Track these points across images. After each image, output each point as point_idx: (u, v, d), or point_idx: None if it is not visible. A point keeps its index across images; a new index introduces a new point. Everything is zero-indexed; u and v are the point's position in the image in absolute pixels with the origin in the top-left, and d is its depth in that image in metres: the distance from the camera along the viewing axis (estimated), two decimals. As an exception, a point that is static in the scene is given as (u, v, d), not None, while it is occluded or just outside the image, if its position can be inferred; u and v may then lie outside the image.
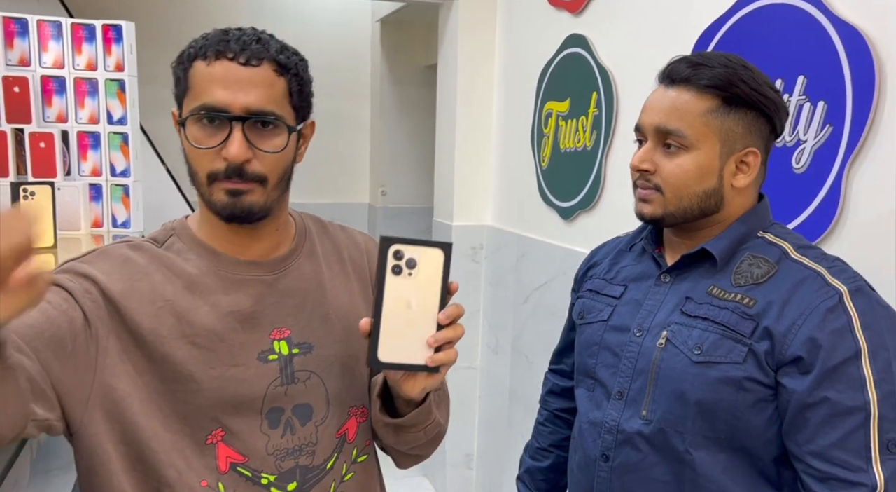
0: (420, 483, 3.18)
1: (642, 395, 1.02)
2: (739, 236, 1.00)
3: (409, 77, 4.10)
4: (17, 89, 2.17)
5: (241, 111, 0.84)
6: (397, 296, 0.79)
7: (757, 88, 0.96)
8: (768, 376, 0.93)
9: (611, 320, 1.09)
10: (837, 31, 1.26)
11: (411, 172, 4.20)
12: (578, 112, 2.17)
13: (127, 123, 2.35)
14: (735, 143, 0.98)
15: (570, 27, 2.22)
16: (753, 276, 0.97)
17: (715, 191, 0.99)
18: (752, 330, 0.93)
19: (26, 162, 2.21)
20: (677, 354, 0.98)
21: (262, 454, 0.90)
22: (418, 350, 0.80)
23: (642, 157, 1.01)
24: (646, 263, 1.10)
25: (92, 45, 2.29)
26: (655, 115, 1.00)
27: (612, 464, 1.05)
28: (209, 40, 0.87)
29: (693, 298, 1.00)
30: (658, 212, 1.01)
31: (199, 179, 0.87)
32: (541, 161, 2.43)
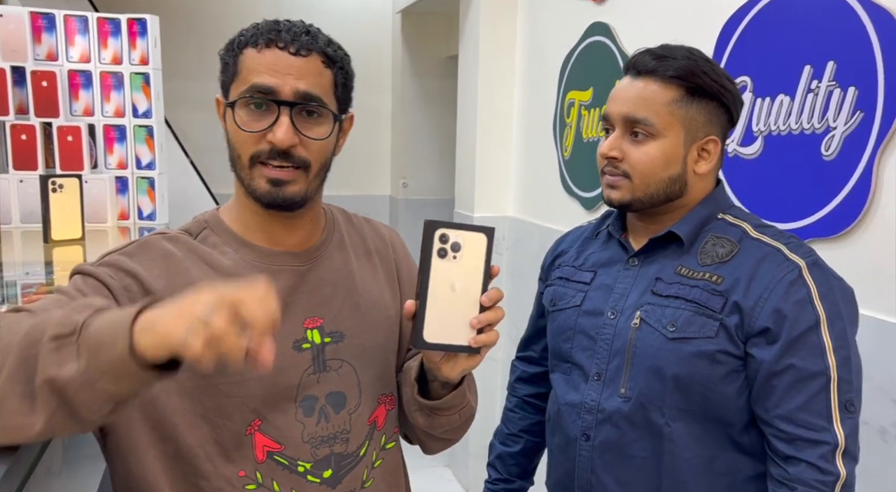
0: (443, 474, 3.20)
1: (620, 374, 1.06)
2: (702, 219, 1.06)
3: (430, 68, 4.10)
4: (45, 84, 2.20)
5: (289, 96, 0.86)
6: (442, 278, 0.81)
7: (717, 80, 1.02)
8: (738, 348, 0.99)
9: (583, 305, 1.13)
10: (869, 15, 1.24)
11: (432, 163, 4.20)
12: (601, 101, 2.16)
13: (152, 116, 2.38)
14: (697, 131, 1.03)
15: (593, 15, 2.20)
16: (718, 255, 1.03)
17: (679, 177, 1.04)
18: (721, 305, 0.99)
19: (54, 155, 2.25)
20: (652, 332, 1.03)
21: (297, 442, 0.91)
22: (461, 331, 0.82)
23: (611, 145, 1.05)
24: (612, 248, 1.15)
25: (117, 39, 2.31)
26: (623, 104, 1.04)
27: (593, 443, 1.09)
28: (260, 29, 0.88)
29: (663, 279, 1.05)
30: (626, 197, 1.05)
31: (242, 162, 0.88)
32: (563, 151, 2.41)
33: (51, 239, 1.97)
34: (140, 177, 2.41)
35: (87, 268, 0.86)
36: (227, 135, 0.90)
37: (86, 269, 0.86)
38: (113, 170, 2.38)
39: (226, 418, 0.88)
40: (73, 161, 2.26)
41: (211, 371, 0.63)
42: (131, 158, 2.39)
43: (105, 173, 2.34)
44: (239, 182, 0.91)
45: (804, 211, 1.36)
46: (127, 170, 2.39)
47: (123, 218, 2.40)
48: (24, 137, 2.21)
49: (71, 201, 1.99)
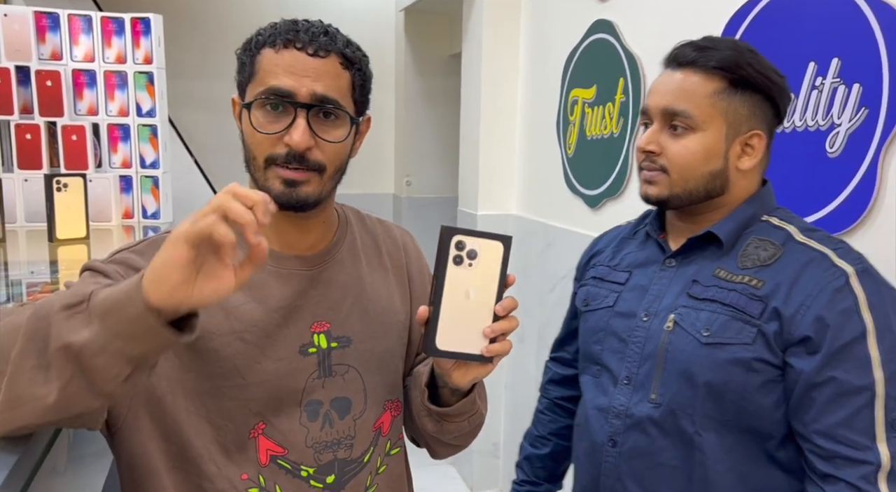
0: (447, 472, 3.20)
1: (650, 379, 1.03)
2: (745, 220, 1.02)
3: (434, 67, 4.09)
4: (50, 83, 2.21)
5: (306, 98, 0.85)
6: (456, 286, 0.80)
7: (762, 71, 0.98)
8: (777, 357, 0.94)
9: (616, 306, 1.10)
10: (874, 11, 1.23)
11: (436, 161, 4.19)
12: (605, 99, 2.15)
13: (156, 116, 2.38)
14: (740, 125, 0.99)
15: (597, 13, 2.20)
16: (760, 258, 0.98)
17: (720, 172, 1.00)
18: (760, 311, 0.94)
19: (59, 154, 2.25)
20: (685, 336, 0.99)
21: (301, 447, 0.91)
22: (474, 340, 0.81)
23: (648, 138, 1.02)
24: (650, 248, 1.11)
25: (121, 38, 2.32)
26: (662, 97, 1.01)
27: (621, 449, 1.05)
28: (278, 29, 0.87)
29: (700, 282, 1.01)
30: (664, 193, 1.01)
31: (257, 163, 0.87)
32: (566, 149, 2.41)
33: (55, 238, 1.98)
34: (144, 176, 2.41)
35: (97, 265, 0.85)
36: (242, 135, 0.90)
37: (96, 265, 0.85)
38: (117, 169, 2.38)
39: (229, 420, 0.88)
40: (77, 160, 2.26)
41: (230, 240, 0.64)
42: (135, 157, 2.39)
43: (109, 172, 2.35)
44: (253, 183, 0.90)
45: (809, 208, 1.36)
46: (131, 169, 2.39)
47: (128, 217, 2.41)
48: (28, 137, 2.22)
49: (75, 200, 1.99)
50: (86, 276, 0.85)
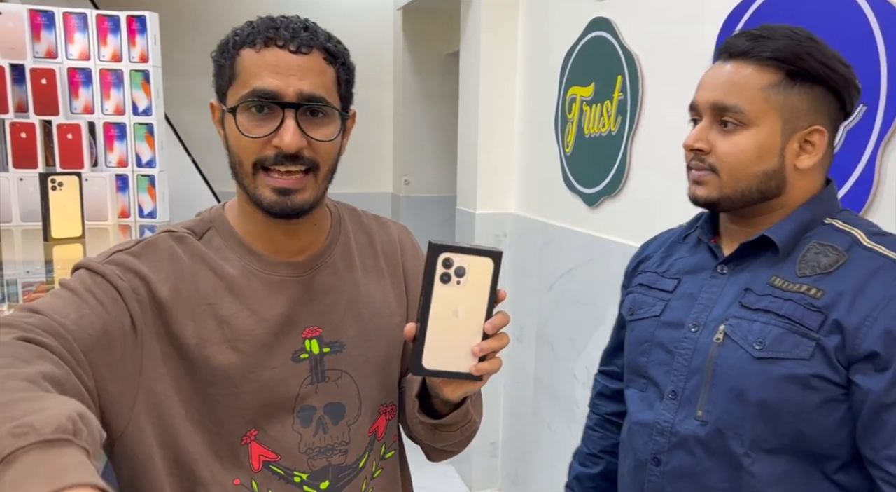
0: (446, 471, 3.19)
1: (697, 394, 0.95)
2: (804, 223, 0.93)
3: (432, 65, 4.09)
4: (45, 81, 2.20)
5: (294, 98, 0.82)
6: (444, 304, 0.78)
7: (824, 61, 0.89)
8: (839, 374, 0.85)
9: (663, 316, 1.03)
10: (871, 7, 1.23)
11: (434, 160, 4.19)
12: (603, 97, 2.14)
13: (152, 114, 2.38)
14: (799, 120, 0.91)
15: (595, 10, 2.19)
16: (821, 265, 0.89)
17: (775, 172, 0.92)
18: (820, 323, 0.86)
19: (54, 153, 2.25)
20: (736, 349, 0.91)
21: (294, 453, 0.90)
22: (463, 358, 0.79)
23: (696, 135, 0.95)
24: (701, 254, 1.03)
25: (117, 36, 2.31)
26: (711, 91, 0.93)
27: (664, 468, 0.99)
28: (256, 28, 0.84)
29: (753, 290, 0.93)
30: (713, 195, 0.94)
31: (244, 169, 0.85)
32: (565, 147, 2.40)
33: (51, 237, 1.97)
34: (140, 174, 2.40)
35: (93, 265, 0.83)
36: (225, 141, 0.87)
37: (93, 266, 0.83)
38: (113, 168, 2.37)
39: (221, 426, 0.87)
40: (73, 159, 2.25)
41: None
42: (132, 155, 2.38)
43: (105, 171, 2.34)
44: (241, 190, 0.88)
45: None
46: (127, 167, 2.39)
47: (124, 216, 2.40)
48: (23, 136, 2.21)
49: (71, 199, 1.99)
50: (83, 275, 0.83)
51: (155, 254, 0.87)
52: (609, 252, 2.13)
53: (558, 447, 2.47)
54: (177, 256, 0.88)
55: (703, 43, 1.66)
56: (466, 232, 2.97)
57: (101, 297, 0.80)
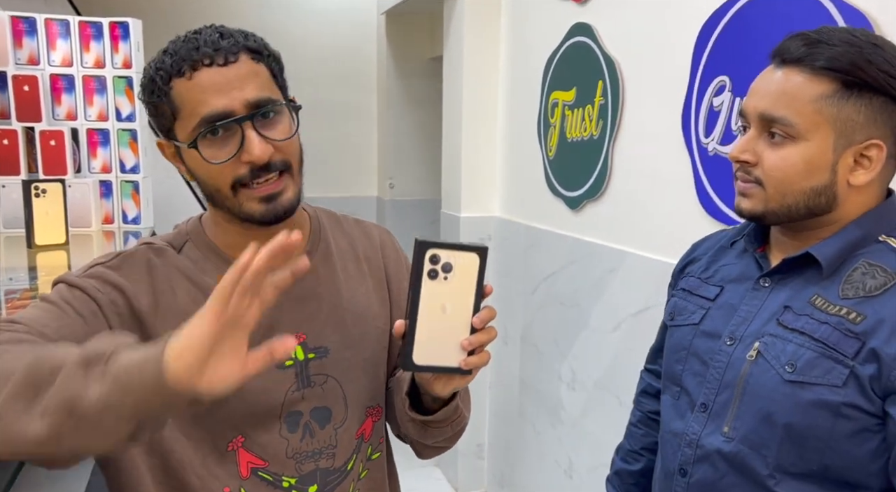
0: (432, 473, 3.21)
1: (727, 410, 0.93)
2: (854, 240, 0.88)
3: (415, 69, 4.10)
4: (27, 88, 2.19)
5: (244, 110, 0.82)
6: (432, 300, 0.79)
7: (887, 70, 0.83)
8: (873, 404, 0.82)
9: (702, 325, 1.00)
10: (842, 15, 1.26)
11: (419, 164, 4.20)
12: (584, 101, 2.17)
13: (135, 120, 2.38)
14: (854, 134, 0.85)
15: (575, 16, 2.21)
16: (866, 287, 0.85)
17: (826, 188, 0.87)
18: (856, 350, 0.82)
19: (37, 160, 2.24)
20: (768, 369, 0.88)
21: (282, 458, 0.91)
22: (452, 353, 0.81)
23: (743, 146, 0.90)
24: (746, 262, 1.00)
25: (99, 42, 2.31)
26: (760, 99, 0.89)
27: (689, 480, 0.97)
28: (177, 55, 0.83)
29: (792, 308, 0.89)
30: (758, 208, 0.91)
31: (223, 193, 0.85)
32: (547, 151, 2.43)
33: (34, 244, 1.96)
34: (124, 180, 2.40)
35: (72, 279, 0.84)
36: (189, 173, 0.87)
37: (71, 279, 0.84)
38: (97, 174, 2.37)
39: (206, 433, 0.88)
40: (56, 165, 2.25)
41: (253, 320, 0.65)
42: (115, 161, 2.38)
43: (89, 177, 2.34)
44: (222, 213, 0.88)
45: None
46: (111, 174, 2.38)
47: (108, 222, 2.39)
48: (6, 142, 2.20)
49: (54, 206, 1.98)
50: (62, 289, 0.83)
51: (133, 266, 0.88)
52: (591, 254, 2.16)
53: (543, 449, 2.49)
54: (155, 268, 0.89)
55: (682, 48, 1.70)
56: (451, 235, 2.99)
57: (81, 309, 0.81)
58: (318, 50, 3.98)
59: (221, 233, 0.92)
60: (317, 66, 3.90)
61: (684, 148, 1.70)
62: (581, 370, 2.23)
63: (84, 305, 0.82)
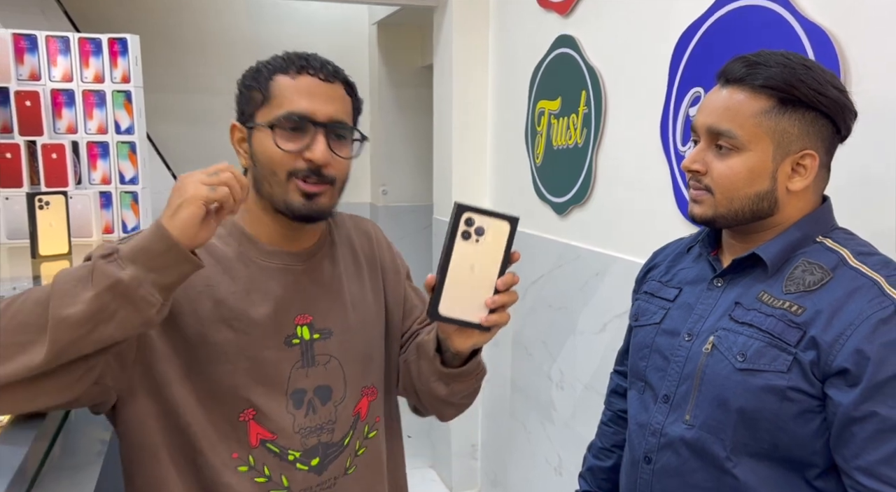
0: (426, 474, 3.27)
1: (687, 400, 1.01)
2: (794, 241, 0.98)
3: (407, 78, 4.18)
4: (29, 103, 2.25)
5: (324, 119, 0.95)
6: (463, 258, 0.87)
7: (816, 88, 0.93)
8: (814, 387, 0.91)
9: (663, 324, 1.09)
10: (805, 31, 1.34)
11: (411, 170, 4.27)
12: (569, 110, 2.25)
13: (134, 133, 2.43)
14: (790, 144, 0.95)
15: (560, 28, 2.29)
16: (805, 283, 0.94)
17: (767, 194, 0.97)
18: (798, 339, 0.91)
19: (39, 173, 2.29)
20: (722, 360, 0.97)
21: (289, 433, 1.00)
22: (475, 309, 0.88)
23: (693, 157, 1.01)
24: (701, 266, 1.09)
25: (99, 58, 2.37)
26: (708, 115, 0.99)
27: (654, 467, 1.05)
28: (288, 59, 0.97)
29: (742, 304, 0.98)
30: (708, 213, 1.00)
31: (278, 178, 0.96)
32: (535, 158, 2.50)
33: (38, 254, 2.02)
34: (124, 191, 2.46)
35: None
36: (252, 155, 0.98)
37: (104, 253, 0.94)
38: (97, 185, 2.43)
39: (219, 403, 0.96)
40: (57, 178, 2.31)
41: (231, 208, 0.85)
42: (115, 173, 2.44)
43: (89, 189, 2.39)
44: (267, 197, 0.98)
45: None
46: (111, 185, 2.44)
47: (108, 232, 2.45)
48: (8, 156, 2.26)
49: (57, 217, 2.04)
50: None
51: None
52: (578, 258, 2.23)
53: (534, 449, 2.56)
54: None
55: (660, 61, 1.77)
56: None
57: None
58: (311, 60, 4.05)
59: (251, 219, 1.02)
60: (310, 75, 3.97)
61: (663, 156, 1.78)
62: (569, 371, 2.30)
63: None
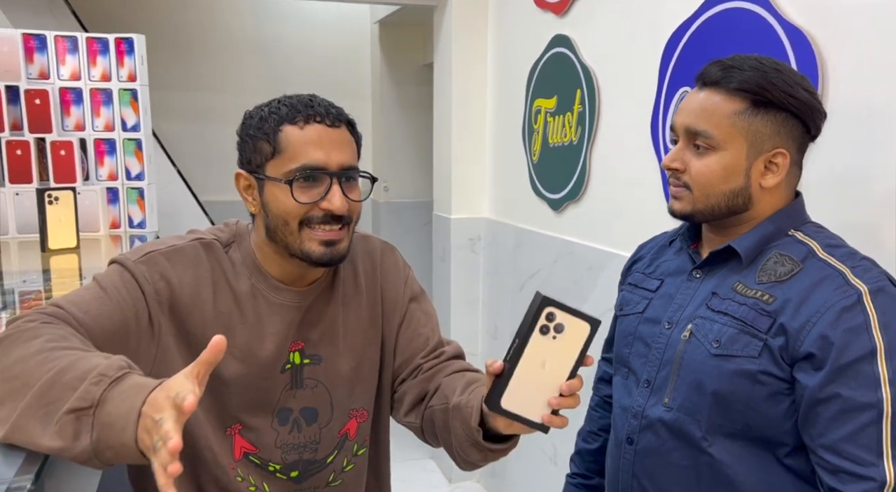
0: (427, 465, 3.33)
1: (666, 383, 1.07)
2: (767, 234, 1.03)
3: (408, 76, 4.23)
4: (38, 101, 2.31)
5: (336, 168, 0.97)
6: (536, 354, 0.83)
7: (787, 91, 0.98)
8: (783, 371, 0.96)
9: (645, 313, 1.14)
10: (786, 33, 1.39)
11: (412, 167, 4.32)
12: (564, 109, 2.30)
13: (140, 130, 2.50)
14: (763, 144, 1.00)
15: (556, 28, 2.34)
16: (777, 273, 0.99)
17: (742, 190, 1.02)
18: (768, 326, 0.96)
19: (48, 169, 2.36)
20: (699, 346, 1.03)
21: (271, 447, 1.05)
22: (536, 406, 0.84)
23: (673, 156, 1.06)
24: (682, 258, 1.15)
25: (106, 57, 2.43)
26: (686, 116, 1.04)
27: (636, 447, 1.11)
28: (293, 107, 0.98)
29: (718, 294, 1.04)
30: (687, 209, 1.05)
31: (291, 227, 0.97)
32: (532, 155, 2.56)
33: (48, 248, 2.09)
34: (130, 187, 2.52)
35: (128, 263, 0.97)
36: (264, 205, 0.99)
37: (127, 263, 0.97)
38: (104, 181, 2.49)
39: (215, 418, 1.01)
40: (66, 174, 2.37)
41: None
42: (121, 169, 2.50)
43: (97, 185, 2.46)
44: (282, 245, 0.99)
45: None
46: (117, 181, 2.50)
47: (115, 227, 2.51)
48: (18, 153, 2.32)
49: (66, 212, 2.10)
50: (115, 270, 0.97)
51: (183, 260, 1.00)
52: (572, 253, 2.28)
53: (532, 442, 2.60)
54: (201, 264, 1.01)
55: (651, 60, 1.82)
56: (443, 237, 3.11)
57: (126, 295, 0.94)
58: (313, 58, 4.11)
59: (263, 256, 1.04)
60: (313, 73, 4.03)
61: (653, 153, 1.83)
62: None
63: (130, 290, 0.95)
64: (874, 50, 1.24)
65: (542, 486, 2.52)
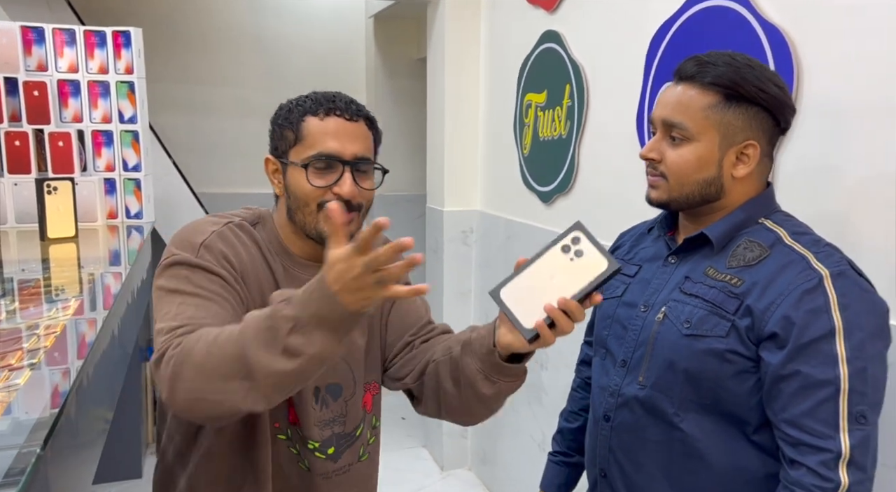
0: (419, 453, 3.38)
1: (641, 363, 1.13)
2: (738, 222, 1.09)
3: (402, 69, 4.26)
4: (37, 93, 2.35)
5: (350, 157, 1.05)
6: (550, 265, 0.88)
7: (758, 86, 1.04)
8: (749, 350, 1.02)
9: (623, 297, 1.19)
10: (764, 31, 1.44)
11: (405, 160, 4.36)
12: (554, 103, 2.34)
13: (137, 122, 2.53)
14: (735, 136, 1.05)
15: (546, 24, 2.39)
16: (746, 259, 1.05)
17: (714, 180, 1.07)
18: (736, 307, 1.02)
19: (46, 160, 2.39)
20: (671, 327, 1.08)
21: (310, 424, 1.12)
22: (531, 312, 0.87)
23: (650, 147, 1.11)
24: (659, 245, 1.20)
25: (103, 50, 2.46)
26: (663, 108, 1.09)
27: (613, 424, 1.17)
28: (317, 101, 1.07)
29: (691, 278, 1.10)
30: (663, 197, 1.11)
31: (310, 208, 1.06)
32: (522, 149, 2.60)
33: (47, 238, 2.12)
34: (127, 178, 2.56)
35: (193, 261, 1.02)
36: (286, 186, 1.08)
37: (193, 261, 1.02)
38: (101, 172, 2.52)
39: None
40: (64, 165, 2.40)
41: None
42: (118, 161, 2.54)
43: (94, 176, 2.49)
44: (300, 225, 1.08)
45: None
46: (114, 172, 2.54)
47: (112, 217, 2.55)
48: (17, 143, 2.35)
49: (65, 202, 2.14)
50: (183, 272, 1.02)
51: (229, 241, 1.08)
52: (561, 244, 2.33)
53: (521, 429, 2.66)
54: (243, 244, 1.09)
55: (637, 56, 1.87)
56: (436, 229, 3.16)
57: (215, 290, 1.01)
58: (308, 52, 4.14)
59: (285, 235, 1.13)
60: (308, 67, 4.06)
61: (639, 147, 1.88)
62: (554, 353, 2.41)
63: (214, 283, 1.02)
64: (846, 48, 1.29)
65: (531, 472, 2.58)
